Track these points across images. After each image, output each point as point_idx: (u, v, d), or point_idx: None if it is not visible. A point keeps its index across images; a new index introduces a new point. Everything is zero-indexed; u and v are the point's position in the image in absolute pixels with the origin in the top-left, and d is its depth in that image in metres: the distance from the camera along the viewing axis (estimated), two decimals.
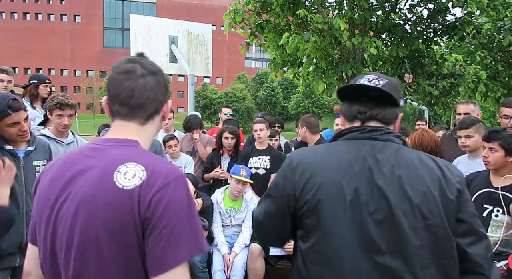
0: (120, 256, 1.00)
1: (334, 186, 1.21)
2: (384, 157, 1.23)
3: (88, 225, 1.00)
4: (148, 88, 1.13)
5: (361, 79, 1.32)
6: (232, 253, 3.66)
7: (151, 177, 1.02)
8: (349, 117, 1.34)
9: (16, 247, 2.24)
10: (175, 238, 0.98)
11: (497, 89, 10.48)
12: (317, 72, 8.04)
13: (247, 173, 3.73)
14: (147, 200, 0.99)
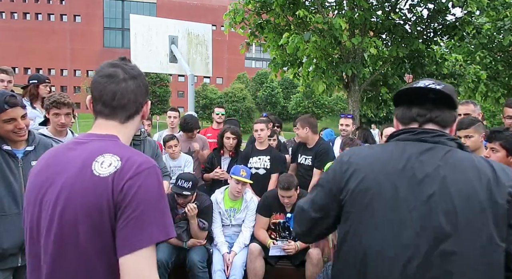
0: (96, 239, 1.07)
1: (375, 180, 1.26)
2: (429, 158, 1.25)
3: (67, 210, 1.09)
4: (129, 91, 1.23)
5: (417, 84, 1.34)
6: (231, 253, 3.66)
7: (125, 166, 1.11)
8: (406, 120, 1.37)
9: (18, 247, 2.24)
10: (143, 221, 1.06)
11: (497, 89, 10.47)
12: (317, 72, 8.04)
13: (247, 174, 3.73)
14: (120, 186, 1.08)
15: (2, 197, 2.20)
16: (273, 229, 3.83)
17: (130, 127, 1.28)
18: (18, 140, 2.26)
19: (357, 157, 1.36)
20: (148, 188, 1.09)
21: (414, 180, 1.22)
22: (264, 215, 3.78)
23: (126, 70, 1.26)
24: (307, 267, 3.56)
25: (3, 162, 2.22)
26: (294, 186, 3.59)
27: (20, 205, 2.26)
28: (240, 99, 42.43)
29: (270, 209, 3.78)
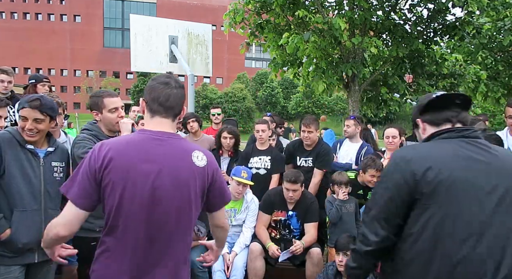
0: (197, 205, 1.70)
1: (449, 173, 1.48)
2: (477, 148, 1.55)
3: (182, 189, 1.62)
4: (178, 96, 1.71)
5: (438, 93, 1.69)
6: (232, 253, 3.66)
7: (209, 160, 1.72)
8: (440, 121, 1.65)
9: (35, 243, 2.31)
10: (224, 192, 1.82)
11: (497, 89, 10.46)
12: (317, 72, 8.03)
13: (248, 175, 3.72)
14: (211, 174, 1.71)
15: (22, 194, 2.32)
16: (273, 227, 3.83)
17: (175, 125, 1.75)
18: (27, 139, 2.37)
19: (423, 154, 1.57)
20: (220, 174, 1.79)
21: (482, 169, 1.49)
22: (266, 212, 3.78)
23: (176, 80, 1.74)
24: (307, 267, 3.56)
25: (25, 160, 2.35)
26: (300, 181, 3.62)
27: (39, 202, 2.38)
28: (240, 99, 42.40)
29: (272, 206, 3.78)
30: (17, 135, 2.37)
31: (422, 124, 1.72)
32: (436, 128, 1.66)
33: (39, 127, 2.38)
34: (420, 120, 1.73)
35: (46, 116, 2.38)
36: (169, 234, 1.61)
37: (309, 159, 4.24)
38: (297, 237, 3.73)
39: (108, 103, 2.66)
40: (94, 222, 2.68)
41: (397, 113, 25.59)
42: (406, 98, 9.17)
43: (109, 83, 45.99)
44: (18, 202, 2.31)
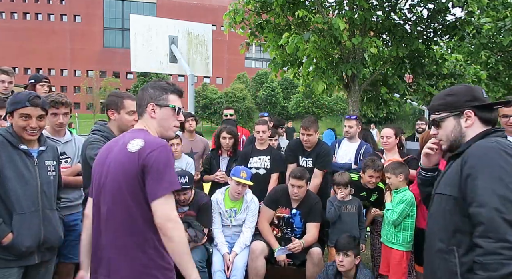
0: (131, 189, 1.73)
1: None
2: None
3: (115, 173, 1.77)
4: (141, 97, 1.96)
5: (483, 91, 1.73)
6: (232, 253, 3.65)
7: (146, 145, 1.75)
8: (492, 120, 1.68)
9: (36, 244, 2.31)
10: (157, 181, 1.71)
11: (497, 89, 10.47)
12: (317, 72, 8.03)
13: (247, 175, 3.71)
14: (143, 156, 1.72)
15: (19, 196, 2.28)
16: (276, 224, 3.82)
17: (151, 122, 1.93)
18: (28, 138, 2.34)
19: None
20: (160, 159, 1.72)
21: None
22: (270, 207, 3.79)
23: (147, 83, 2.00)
24: (307, 267, 3.56)
25: (20, 161, 2.31)
26: (306, 178, 3.64)
27: (37, 203, 2.34)
28: (240, 99, 42.41)
29: (277, 203, 3.79)
30: (8, 136, 2.30)
31: (473, 117, 1.67)
32: (485, 126, 1.66)
33: (41, 124, 2.37)
34: (473, 112, 1.66)
35: (45, 112, 2.38)
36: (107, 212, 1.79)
37: (309, 160, 4.23)
38: (299, 236, 3.73)
39: (127, 105, 2.71)
40: None
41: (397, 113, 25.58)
42: (406, 98, 9.16)
43: (109, 83, 45.98)
44: (16, 205, 2.26)
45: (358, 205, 3.77)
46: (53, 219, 2.44)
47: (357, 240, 3.35)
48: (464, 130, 1.66)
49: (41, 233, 2.35)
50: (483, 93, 1.70)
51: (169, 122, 1.96)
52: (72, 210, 3.11)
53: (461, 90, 1.72)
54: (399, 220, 3.32)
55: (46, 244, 2.39)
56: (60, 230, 2.51)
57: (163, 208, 1.68)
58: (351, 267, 3.21)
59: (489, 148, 1.51)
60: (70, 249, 3.20)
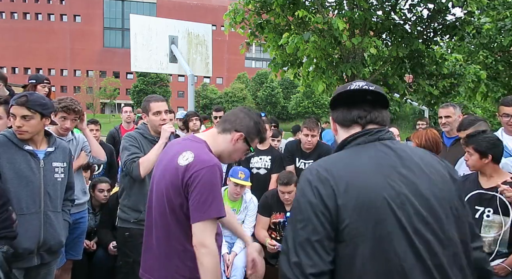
0: (172, 202, 1.69)
1: (373, 191, 1.15)
2: (401, 153, 1.25)
3: (162, 182, 1.74)
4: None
5: (352, 86, 1.35)
6: (231, 253, 3.65)
7: (195, 161, 1.67)
8: (348, 122, 1.34)
9: (34, 246, 2.29)
10: (199, 204, 1.64)
11: (497, 90, 10.46)
12: (317, 72, 8.03)
13: (245, 175, 3.71)
14: (190, 173, 1.65)
15: (20, 197, 2.26)
16: (273, 229, 3.82)
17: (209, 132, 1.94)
18: (19, 137, 2.31)
19: (337, 170, 1.20)
20: (206, 180, 1.64)
21: (404, 177, 1.19)
22: (264, 215, 3.78)
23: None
24: None
25: (23, 162, 2.28)
26: (293, 182, 3.62)
27: (39, 204, 2.32)
28: (240, 99, 42.43)
29: (270, 209, 3.78)
30: (13, 137, 2.31)
31: (333, 124, 1.41)
32: (346, 131, 1.35)
33: (28, 124, 2.28)
34: (331, 117, 1.42)
35: (35, 113, 2.29)
36: (154, 216, 1.80)
37: (309, 162, 4.18)
38: None
39: (153, 107, 2.90)
40: (131, 213, 2.79)
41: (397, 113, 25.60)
42: (406, 98, 9.17)
43: (109, 83, 45.98)
44: (15, 206, 2.23)
45: None
46: (55, 222, 2.40)
47: None
48: (336, 138, 1.47)
49: (41, 235, 2.32)
50: (352, 86, 1.36)
51: (236, 156, 1.94)
52: (76, 209, 3.11)
53: None
54: None
55: (45, 246, 2.36)
56: (61, 233, 2.47)
57: (200, 234, 1.64)
58: None
59: None
60: (71, 246, 3.21)
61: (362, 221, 1.13)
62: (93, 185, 3.89)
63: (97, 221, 3.94)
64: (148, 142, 2.91)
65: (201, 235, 1.64)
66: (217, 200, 1.66)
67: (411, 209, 1.15)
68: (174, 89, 49.47)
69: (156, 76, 43.47)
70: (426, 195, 1.18)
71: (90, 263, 3.80)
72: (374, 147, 1.27)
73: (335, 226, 1.14)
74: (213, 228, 1.67)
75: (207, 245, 1.64)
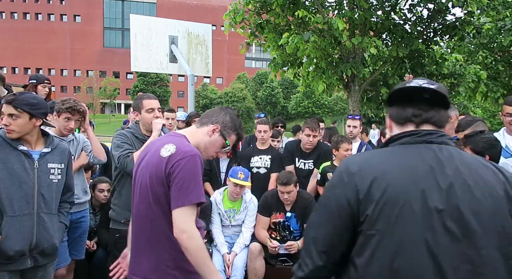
0: (156, 194, 1.75)
1: (400, 190, 1.17)
2: (445, 159, 1.21)
3: (145, 175, 1.80)
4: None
5: (411, 83, 1.31)
6: (232, 253, 3.66)
7: (177, 152, 1.74)
8: (402, 120, 1.31)
9: (26, 249, 2.23)
10: (181, 191, 1.69)
11: (497, 89, 10.47)
12: (317, 72, 8.04)
13: (245, 175, 3.71)
14: (172, 163, 1.71)
15: (12, 198, 2.20)
16: (273, 228, 3.82)
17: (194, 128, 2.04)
18: (7, 136, 2.26)
19: (369, 166, 1.23)
20: (187, 168, 1.71)
21: (438, 185, 1.17)
22: (264, 215, 3.78)
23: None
24: None
25: (17, 162, 2.23)
26: (293, 182, 3.61)
27: (32, 206, 2.26)
28: (240, 99, 42.44)
29: (270, 209, 3.78)
30: (7, 137, 2.26)
31: (388, 120, 1.38)
32: (400, 128, 1.33)
33: (15, 123, 2.22)
34: (387, 114, 1.39)
35: (22, 112, 2.22)
36: (137, 209, 1.86)
37: (309, 162, 4.17)
38: (298, 238, 3.72)
39: (146, 104, 2.88)
40: (121, 213, 2.78)
41: None
42: None
43: (109, 83, 46.00)
44: (7, 207, 2.18)
45: None
46: (48, 224, 2.33)
47: None
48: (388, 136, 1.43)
49: (33, 238, 2.26)
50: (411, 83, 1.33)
51: (212, 149, 2.01)
52: (77, 208, 3.10)
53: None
54: None
55: (38, 249, 2.29)
56: (55, 236, 2.38)
57: (180, 219, 1.67)
58: None
59: None
60: (73, 246, 3.19)
61: (384, 217, 1.16)
62: (93, 185, 3.90)
63: (97, 221, 3.94)
64: (139, 141, 2.87)
65: (180, 221, 1.67)
66: (197, 186, 1.72)
67: (437, 219, 1.14)
68: (174, 89, 49.48)
69: (156, 76, 43.48)
70: (460, 208, 1.15)
71: (90, 263, 3.80)
72: (416, 149, 1.25)
73: (356, 218, 1.20)
74: (192, 214, 1.71)
75: (187, 230, 1.66)
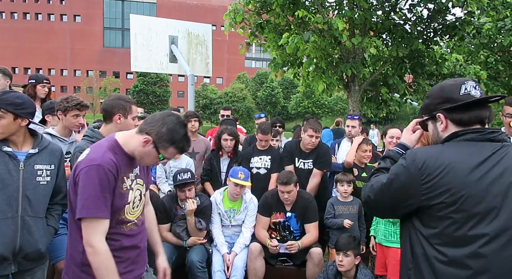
0: (69, 197, 1.78)
1: (466, 183, 1.38)
2: (509, 155, 1.42)
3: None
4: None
5: (466, 86, 1.52)
6: (232, 253, 3.65)
7: (85, 159, 1.73)
8: (466, 121, 1.50)
9: (9, 253, 2.15)
10: (83, 200, 1.68)
11: (497, 89, 10.46)
12: (317, 72, 8.04)
13: (245, 175, 3.71)
14: (77, 171, 1.72)
15: None
16: (273, 228, 3.82)
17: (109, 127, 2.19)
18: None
19: (435, 159, 1.44)
20: (85, 179, 1.67)
21: (502, 180, 1.38)
22: (264, 215, 3.78)
23: None
24: (308, 267, 3.56)
25: (0, 164, 2.15)
26: (293, 181, 3.61)
27: (15, 209, 2.17)
28: (240, 99, 42.41)
29: (270, 209, 3.78)
30: None
31: (445, 121, 1.55)
32: (461, 127, 1.52)
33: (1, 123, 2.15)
34: (443, 116, 1.55)
35: (6, 113, 2.15)
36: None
37: (308, 161, 4.16)
38: (298, 238, 3.72)
39: (134, 111, 2.73)
40: None
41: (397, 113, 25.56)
42: (406, 98, 9.17)
43: (109, 83, 45.99)
44: None
45: (359, 206, 3.77)
46: (33, 228, 2.23)
47: (357, 240, 3.34)
48: (441, 134, 1.58)
49: (17, 242, 2.17)
50: (462, 89, 1.52)
51: (148, 160, 1.88)
52: None
53: (434, 91, 1.63)
54: None
55: (22, 253, 2.20)
56: (40, 241, 2.28)
57: (85, 232, 1.68)
58: (351, 267, 3.20)
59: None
60: None
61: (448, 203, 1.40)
62: None
63: None
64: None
65: (85, 234, 1.68)
66: (95, 199, 1.67)
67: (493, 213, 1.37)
68: (174, 89, 49.46)
69: (156, 76, 43.44)
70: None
71: None
72: (481, 146, 1.45)
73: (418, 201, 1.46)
74: (96, 227, 1.68)
75: (92, 245, 1.67)
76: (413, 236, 1.52)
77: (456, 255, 1.39)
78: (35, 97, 4.11)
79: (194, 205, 3.54)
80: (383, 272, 3.44)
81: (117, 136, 1.85)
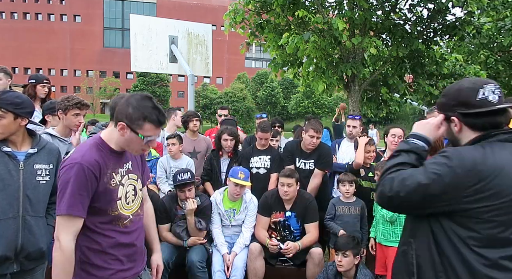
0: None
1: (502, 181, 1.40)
2: None
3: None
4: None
5: (484, 90, 1.51)
6: (232, 253, 3.65)
7: (67, 159, 1.76)
8: (480, 126, 1.53)
9: (11, 253, 2.17)
10: (60, 197, 1.71)
11: None
12: (317, 72, 8.04)
13: (245, 175, 3.71)
14: (60, 170, 1.77)
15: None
16: (273, 228, 3.82)
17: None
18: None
19: (483, 161, 1.42)
20: (64, 177, 1.70)
21: None
22: (264, 215, 3.78)
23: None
24: (308, 267, 3.56)
25: (0, 164, 2.16)
26: (295, 177, 3.62)
27: (16, 209, 2.18)
28: (240, 99, 42.41)
29: (270, 209, 3.78)
30: None
31: (459, 124, 1.57)
32: (477, 131, 1.54)
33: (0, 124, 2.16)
34: (457, 119, 1.56)
35: (6, 112, 2.16)
36: None
37: (309, 162, 4.15)
38: (298, 238, 3.72)
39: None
40: None
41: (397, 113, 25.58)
42: (406, 98, 9.17)
43: (109, 83, 46.00)
44: None
45: (362, 207, 3.77)
46: (34, 227, 2.25)
47: (356, 240, 3.34)
48: (457, 135, 1.59)
49: (18, 241, 2.19)
50: (479, 94, 1.50)
51: (135, 147, 1.85)
52: None
53: (451, 91, 1.61)
54: (395, 217, 3.33)
55: (24, 253, 2.22)
56: (42, 240, 2.29)
57: (57, 227, 1.72)
58: (350, 267, 3.20)
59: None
60: None
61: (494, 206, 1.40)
62: None
63: None
64: None
65: (57, 228, 1.71)
66: (71, 197, 1.68)
67: None
68: (174, 89, 49.46)
69: (156, 76, 43.45)
70: None
71: None
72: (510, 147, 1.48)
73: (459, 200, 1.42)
74: (66, 225, 1.70)
75: (59, 240, 1.69)
76: (440, 236, 1.47)
77: (498, 257, 1.38)
78: (35, 97, 4.11)
79: (194, 205, 3.54)
80: (383, 272, 3.44)
81: (102, 133, 1.87)
